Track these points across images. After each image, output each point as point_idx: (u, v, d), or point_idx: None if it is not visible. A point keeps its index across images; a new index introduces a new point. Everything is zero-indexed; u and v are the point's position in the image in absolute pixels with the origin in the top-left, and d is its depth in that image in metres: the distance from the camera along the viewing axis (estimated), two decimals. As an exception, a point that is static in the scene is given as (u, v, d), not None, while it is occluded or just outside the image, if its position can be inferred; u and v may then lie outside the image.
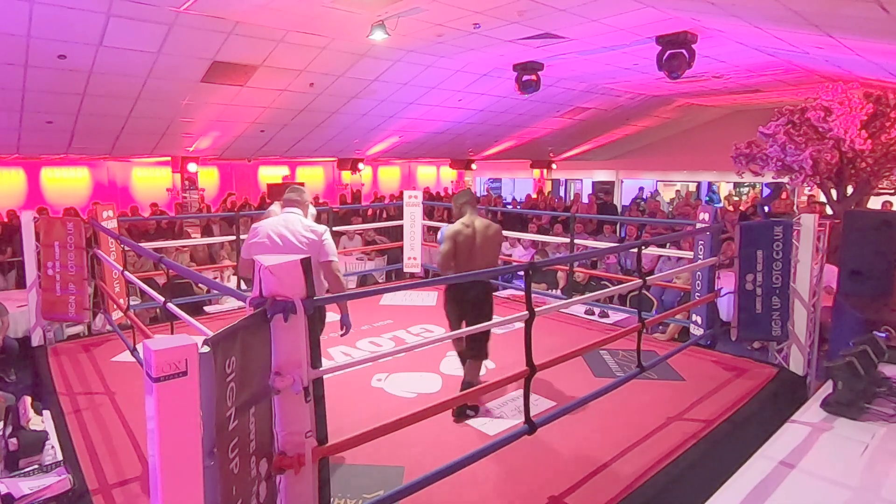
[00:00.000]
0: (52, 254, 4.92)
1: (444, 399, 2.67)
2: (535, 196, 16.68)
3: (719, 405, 3.87)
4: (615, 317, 6.13)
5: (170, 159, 11.90)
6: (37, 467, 2.95)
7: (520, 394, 3.12)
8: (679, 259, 6.29)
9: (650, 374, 4.09)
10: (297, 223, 3.35)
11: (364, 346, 5.07)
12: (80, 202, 12.09)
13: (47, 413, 3.65)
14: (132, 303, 5.21)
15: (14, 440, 3.05)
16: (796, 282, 4.37)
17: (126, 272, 4.52)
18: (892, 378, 3.45)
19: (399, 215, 7.88)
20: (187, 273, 4.03)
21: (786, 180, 7.84)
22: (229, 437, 1.75)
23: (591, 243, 7.53)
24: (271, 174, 16.02)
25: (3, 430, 3.17)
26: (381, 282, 8.58)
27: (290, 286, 2.03)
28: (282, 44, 7.34)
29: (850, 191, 7.63)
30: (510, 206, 15.01)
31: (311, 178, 17.07)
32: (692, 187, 17.60)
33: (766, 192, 13.20)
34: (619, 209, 14.78)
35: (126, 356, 4.59)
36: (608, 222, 10.25)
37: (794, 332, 4.40)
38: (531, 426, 2.86)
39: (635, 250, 3.96)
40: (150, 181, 13.81)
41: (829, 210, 8.43)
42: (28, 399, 3.50)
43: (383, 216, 11.91)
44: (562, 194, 19.98)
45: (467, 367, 3.77)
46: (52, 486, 2.78)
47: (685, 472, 3.08)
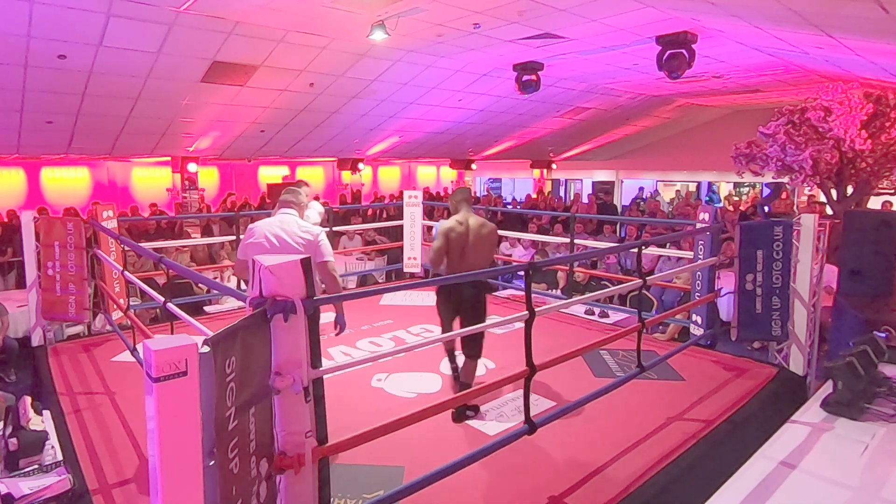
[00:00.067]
0: (52, 254, 4.92)
1: (444, 399, 2.68)
2: (535, 196, 16.68)
3: (719, 405, 3.87)
4: (615, 317, 6.13)
5: (170, 159, 11.89)
6: (37, 467, 2.95)
7: (520, 394, 3.12)
8: (679, 259, 6.29)
9: (650, 374, 4.09)
10: (293, 224, 3.36)
11: (364, 346, 5.07)
12: (80, 202, 12.09)
13: (47, 413, 3.65)
14: (132, 303, 5.22)
15: (14, 440, 3.05)
16: (796, 282, 4.37)
17: (126, 272, 4.53)
18: (892, 378, 3.45)
19: (399, 215, 7.88)
20: (187, 273, 4.03)
21: (786, 180, 7.84)
22: (229, 437, 1.75)
23: (591, 243, 7.53)
24: (271, 174, 16.03)
25: (3, 430, 3.17)
26: (381, 282, 8.57)
27: (290, 286, 2.03)
28: (282, 44, 7.34)
29: (850, 191, 7.63)
30: (510, 206, 15.01)
31: (311, 178, 17.05)
32: (692, 187, 17.60)
33: (766, 192, 13.21)
34: (619, 209, 14.78)
35: (126, 356, 4.59)
36: (608, 222, 10.25)
37: (794, 332, 4.40)
38: (531, 426, 2.86)
39: (635, 250, 3.96)
40: (150, 181, 13.81)
41: (829, 210, 8.43)
42: (28, 399, 3.50)
43: (383, 216, 11.91)
44: (562, 194, 19.98)
45: (463, 368, 3.75)
46: (52, 486, 2.78)
47: (685, 472, 3.08)
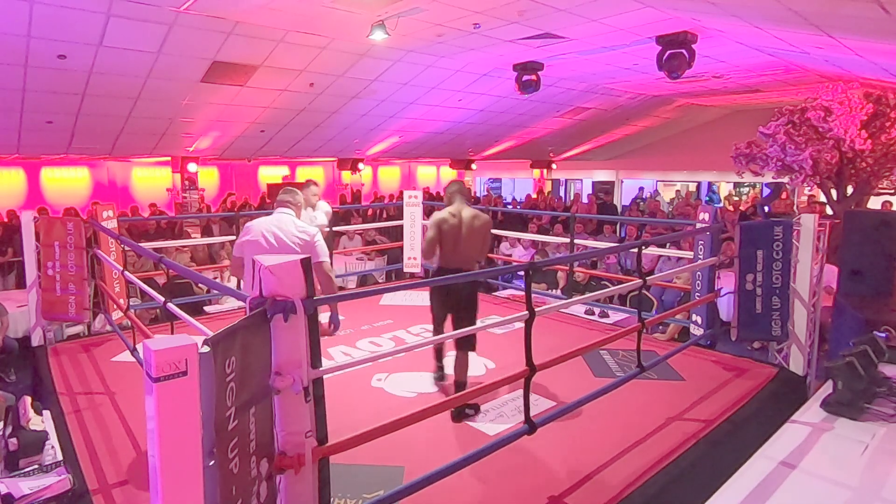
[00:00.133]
0: (52, 254, 4.92)
1: (443, 399, 2.68)
2: (535, 196, 16.68)
3: (719, 405, 3.87)
4: (615, 317, 6.13)
5: (170, 159, 11.89)
6: (37, 467, 2.95)
7: (520, 394, 3.12)
8: (679, 259, 6.29)
9: (650, 374, 4.09)
10: (290, 224, 3.41)
11: (364, 346, 5.07)
12: (80, 202, 12.09)
13: (47, 413, 3.65)
14: (132, 303, 5.22)
15: (14, 440, 3.05)
16: (796, 282, 4.37)
17: (126, 272, 4.53)
18: (892, 378, 3.45)
19: (399, 215, 7.88)
20: (187, 273, 4.03)
21: (786, 180, 7.84)
22: (229, 437, 1.75)
23: (591, 243, 7.53)
24: (271, 174, 16.03)
25: (3, 430, 3.17)
26: (381, 282, 8.57)
27: (290, 286, 2.03)
28: (282, 44, 7.34)
29: (850, 191, 7.63)
30: (510, 206, 15.01)
31: (311, 178, 17.05)
32: (692, 187, 17.60)
33: (766, 192, 13.21)
34: (619, 209, 14.78)
35: (126, 356, 4.59)
36: (608, 222, 10.24)
37: (794, 332, 4.40)
38: (531, 426, 2.86)
39: (635, 250, 3.96)
40: (150, 181, 13.82)
41: (829, 210, 8.43)
42: (28, 399, 3.50)
43: (383, 216, 11.92)
44: (562, 194, 19.98)
45: (456, 364, 3.77)
46: (52, 486, 2.77)
47: (685, 472, 3.08)
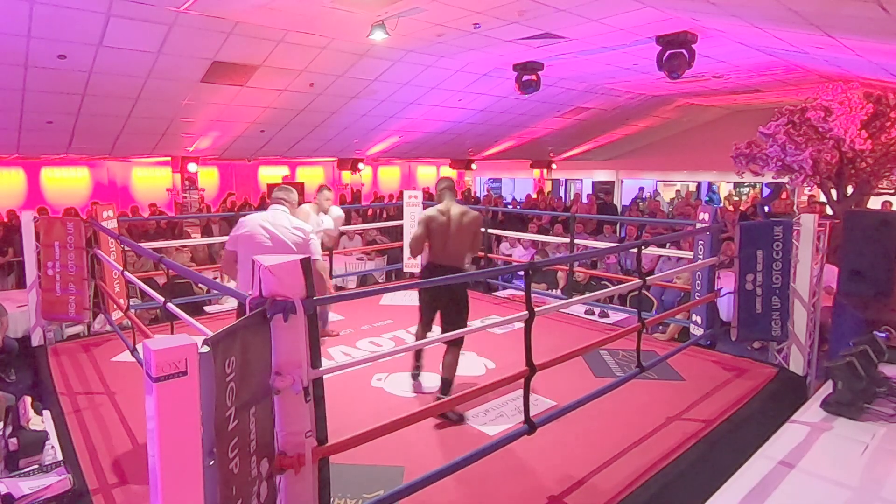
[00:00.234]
0: (52, 254, 4.92)
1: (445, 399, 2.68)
2: (535, 196, 16.68)
3: (719, 405, 3.87)
4: (615, 317, 6.13)
5: (170, 159, 11.89)
6: (37, 467, 2.95)
7: (520, 394, 3.12)
8: (679, 259, 6.29)
9: (650, 374, 4.09)
10: (284, 220, 3.49)
11: (364, 346, 5.07)
12: (80, 202, 12.10)
13: (47, 413, 3.65)
14: (132, 303, 5.22)
15: (14, 440, 3.05)
16: (796, 282, 4.37)
17: (126, 272, 4.53)
18: (892, 378, 3.45)
19: (399, 215, 7.89)
20: (187, 273, 4.03)
21: (786, 180, 7.83)
22: (229, 437, 1.75)
23: (591, 243, 7.53)
24: (271, 174, 16.03)
25: (3, 430, 3.17)
26: (381, 282, 8.57)
27: (289, 286, 2.03)
28: (282, 44, 7.34)
29: (850, 191, 7.62)
30: (510, 206, 15.01)
31: (311, 178, 17.06)
32: (692, 187, 17.60)
33: (766, 192, 13.20)
34: (619, 209, 14.78)
35: (126, 356, 4.59)
36: (608, 222, 10.25)
37: (794, 332, 4.40)
38: (531, 426, 2.86)
39: (635, 250, 3.96)
40: (150, 181, 13.82)
41: (829, 210, 8.42)
42: (28, 399, 3.50)
43: (383, 216, 11.92)
44: (562, 194, 19.98)
45: (444, 363, 3.75)
46: (52, 486, 2.77)
47: (685, 472, 3.08)
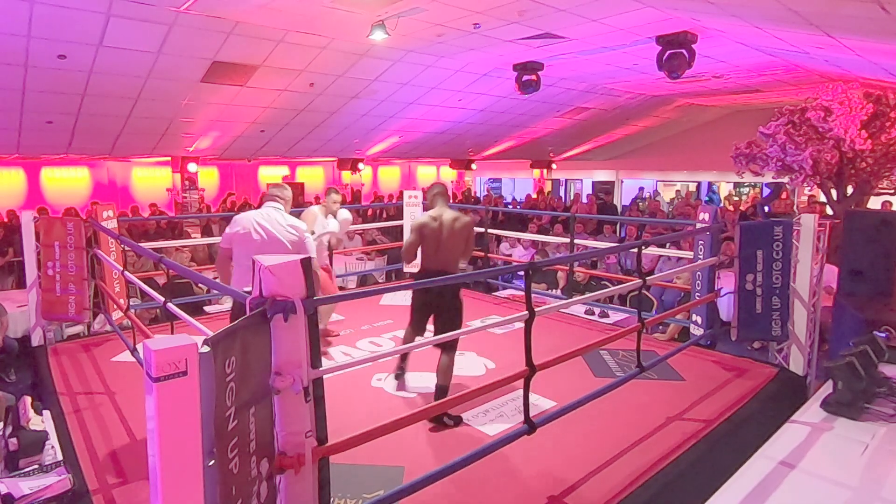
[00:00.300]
0: (52, 254, 4.92)
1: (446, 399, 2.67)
2: (535, 196, 16.68)
3: (719, 405, 3.87)
4: (615, 317, 6.13)
5: (170, 159, 11.90)
6: (37, 467, 2.94)
7: (520, 394, 3.12)
8: (679, 259, 6.29)
9: (650, 374, 4.09)
10: (279, 217, 3.51)
11: (364, 346, 5.07)
12: (80, 202, 12.10)
13: (47, 413, 3.65)
14: (132, 303, 5.22)
15: (14, 440, 3.05)
16: (796, 282, 4.37)
17: (126, 272, 4.53)
18: (893, 378, 3.45)
19: (399, 215, 7.89)
20: (187, 273, 4.03)
21: (786, 180, 7.84)
22: (229, 437, 1.75)
23: (591, 243, 7.53)
24: (271, 174, 16.04)
25: (3, 430, 3.17)
26: (381, 282, 8.57)
27: (290, 286, 2.03)
28: (282, 44, 7.34)
29: (850, 191, 7.63)
30: (510, 206, 15.02)
31: (311, 178, 17.08)
32: (692, 187, 17.60)
33: (766, 192, 13.21)
34: (619, 209, 14.78)
35: (126, 356, 4.59)
36: (608, 222, 10.25)
37: (794, 332, 4.40)
38: (531, 426, 2.86)
39: (635, 250, 3.96)
40: (150, 181, 13.83)
41: (829, 210, 8.43)
42: (28, 399, 3.50)
43: (383, 216, 11.92)
44: (562, 194, 19.98)
45: (438, 369, 3.70)
46: (52, 486, 2.77)
47: (685, 472, 3.08)
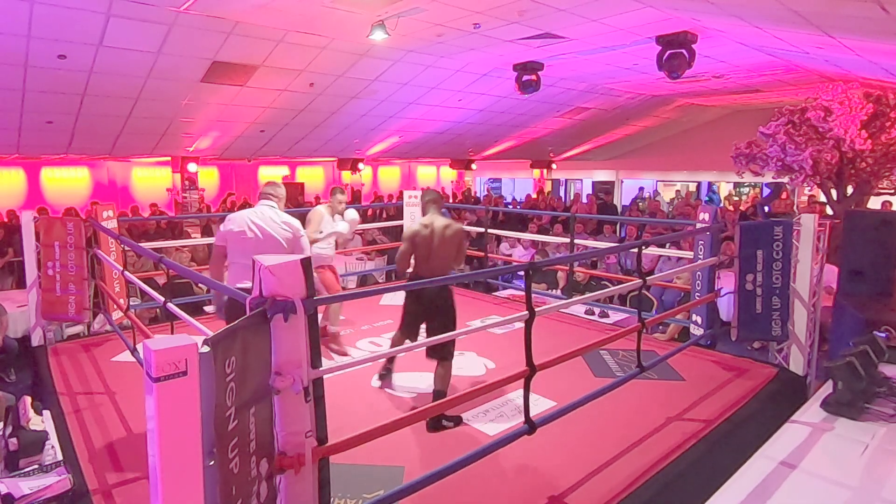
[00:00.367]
0: (52, 254, 4.92)
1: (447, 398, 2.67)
2: (535, 196, 16.68)
3: (719, 405, 3.87)
4: (615, 317, 6.13)
5: (170, 159, 11.90)
6: (37, 467, 2.94)
7: (520, 394, 3.12)
8: (679, 259, 6.29)
9: (650, 374, 4.09)
10: (273, 215, 3.52)
11: (364, 346, 5.07)
12: (80, 202, 12.10)
13: (47, 413, 3.65)
14: (132, 303, 5.22)
15: (14, 440, 3.05)
16: (796, 282, 4.37)
17: (126, 272, 4.52)
18: (893, 378, 3.45)
19: (399, 215, 7.88)
20: (187, 273, 4.03)
21: (786, 180, 7.84)
22: (229, 437, 1.75)
23: (591, 243, 7.53)
24: (271, 174, 16.03)
25: (3, 430, 3.17)
26: (381, 282, 8.57)
27: (290, 286, 2.03)
28: (282, 44, 7.34)
29: (850, 191, 7.63)
30: (510, 206, 15.01)
31: (311, 178, 17.08)
32: (692, 187, 17.60)
33: (766, 192, 13.21)
34: (619, 209, 14.78)
35: (126, 356, 4.59)
36: (608, 222, 10.25)
37: (794, 332, 4.40)
38: (531, 426, 2.86)
39: (635, 250, 3.96)
40: (150, 181, 13.83)
41: (829, 210, 8.43)
42: (28, 399, 3.50)
43: (383, 216, 11.91)
44: (562, 194, 19.98)
45: (437, 375, 3.68)
46: (52, 486, 2.77)
47: (685, 471, 3.08)
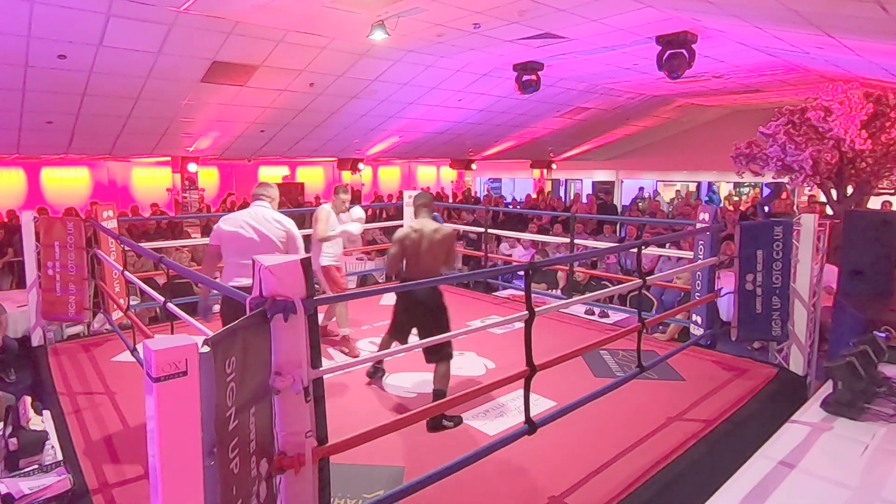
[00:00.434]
0: (52, 254, 4.92)
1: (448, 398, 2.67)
2: (535, 196, 16.69)
3: (719, 405, 3.87)
4: (615, 317, 6.13)
5: (170, 159, 11.90)
6: (37, 467, 2.94)
7: (520, 394, 3.12)
8: (679, 259, 6.29)
9: (650, 374, 4.09)
10: (267, 215, 3.55)
11: (364, 346, 5.07)
12: (80, 202, 12.10)
13: (47, 413, 3.65)
14: (132, 303, 5.21)
15: (14, 440, 3.05)
16: (796, 282, 4.37)
17: (126, 272, 4.53)
18: (892, 378, 3.45)
19: (399, 215, 7.88)
20: (187, 273, 4.02)
21: (786, 180, 7.84)
22: (229, 437, 1.75)
23: (591, 243, 7.53)
24: (271, 174, 16.04)
25: (3, 430, 3.17)
26: (381, 282, 8.57)
27: (290, 286, 2.03)
28: (282, 44, 7.34)
29: (850, 191, 7.63)
30: (510, 206, 15.01)
31: (311, 178, 17.08)
32: (692, 187, 17.61)
33: (766, 192, 13.21)
34: (619, 209, 14.78)
35: (126, 356, 4.59)
36: (608, 222, 10.25)
37: (794, 332, 4.40)
38: (531, 426, 2.86)
39: (635, 250, 3.96)
40: (150, 181, 13.83)
41: (829, 210, 8.43)
42: (28, 399, 3.50)
43: (383, 216, 11.92)
44: (562, 194, 19.98)
45: (437, 375, 3.67)
46: (52, 486, 2.77)
47: (685, 471, 3.08)
